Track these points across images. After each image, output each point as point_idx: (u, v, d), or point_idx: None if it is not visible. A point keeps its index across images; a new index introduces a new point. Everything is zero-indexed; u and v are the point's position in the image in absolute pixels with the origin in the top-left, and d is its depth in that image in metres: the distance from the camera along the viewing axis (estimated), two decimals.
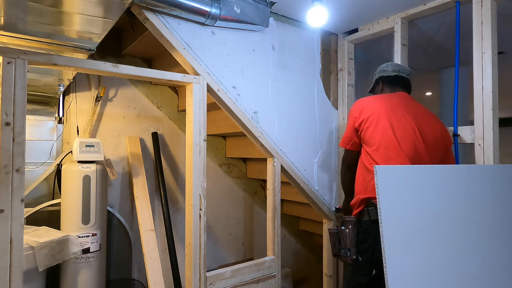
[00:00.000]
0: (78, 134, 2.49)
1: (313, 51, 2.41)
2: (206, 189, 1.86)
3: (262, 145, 2.08)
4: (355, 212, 1.70)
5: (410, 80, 1.94)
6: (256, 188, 3.41)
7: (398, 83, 1.90)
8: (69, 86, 2.42)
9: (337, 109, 2.58)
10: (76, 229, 2.11)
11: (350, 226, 1.64)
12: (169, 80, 1.75)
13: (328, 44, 2.61)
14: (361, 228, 1.65)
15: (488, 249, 1.43)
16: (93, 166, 2.18)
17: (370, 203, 1.62)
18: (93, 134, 2.57)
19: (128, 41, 2.52)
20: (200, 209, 1.83)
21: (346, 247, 1.62)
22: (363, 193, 1.68)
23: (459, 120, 1.97)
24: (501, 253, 1.46)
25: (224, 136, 3.21)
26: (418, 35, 2.49)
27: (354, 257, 1.60)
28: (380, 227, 1.28)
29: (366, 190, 1.66)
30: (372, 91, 2.03)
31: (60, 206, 2.20)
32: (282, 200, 2.37)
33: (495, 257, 1.44)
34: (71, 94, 2.49)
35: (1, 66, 1.35)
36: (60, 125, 2.49)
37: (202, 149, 1.83)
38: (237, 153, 3.11)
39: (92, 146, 2.20)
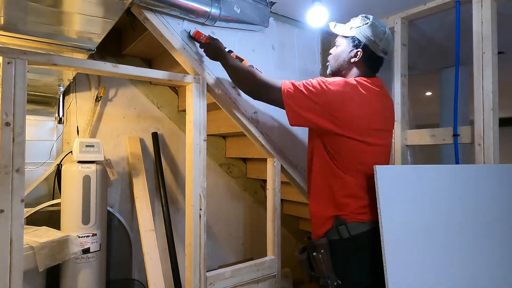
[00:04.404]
0: (78, 134, 2.49)
1: (313, 51, 2.41)
2: (206, 189, 1.86)
3: (262, 145, 2.08)
4: (321, 232, 1.45)
5: None
6: (256, 188, 3.41)
7: (378, 66, 1.53)
8: (69, 86, 2.42)
9: None
10: (76, 229, 2.11)
11: (322, 251, 1.41)
12: (169, 80, 1.75)
13: (328, 44, 2.61)
14: (333, 249, 1.41)
15: (488, 249, 1.43)
16: (93, 166, 2.18)
17: (339, 221, 1.41)
18: (93, 134, 2.57)
19: (128, 41, 2.52)
20: (200, 209, 1.83)
21: (324, 274, 1.39)
22: (331, 210, 1.43)
23: (459, 120, 1.97)
24: (501, 253, 1.46)
25: (224, 136, 3.21)
26: (418, 35, 2.49)
27: (335, 283, 1.39)
28: (380, 227, 1.28)
29: (336, 208, 1.42)
30: (338, 41, 1.56)
31: (60, 206, 2.20)
32: (282, 200, 2.36)
33: (495, 257, 1.44)
34: (71, 94, 2.49)
35: (1, 66, 1.35)
36: (60, 125, 2.49)
37: (202, 149, 1.83)
38: (237, 153, 3.11)
39: (92, 146, 2.20)
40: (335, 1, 2.05)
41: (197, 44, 1.81)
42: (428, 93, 5.07)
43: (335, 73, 1.57)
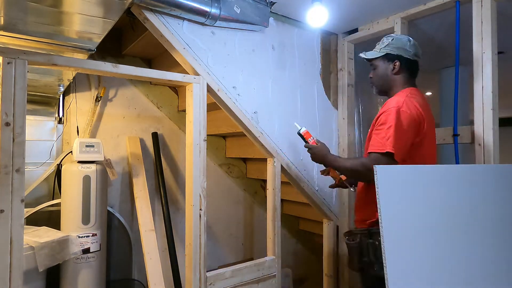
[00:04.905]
0: (78, 134, 2.49)
1: (313, 51, 2.41)
2: (206, 189, 1.86)
3: (262, 145, 2.08)
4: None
5: None
6: (256, 188, 3.41)
7: (416, 71, 1.70)
8: (69, 86, 2.42)
9: (337, 109, 2.58)
10: (76, 229, 2.11)
11: (379, 238, 1.45)
12: (169, 80, 1.75)
13: (328, 44, 2.61)
14: None
15: (489, 250, 1.43)
16: (93, 166, 2.18)
17: None
18: (93, 134, 2.57)
19: (128, 41, 2.52)
20: (200, 209, 1.83)
21: (380, 260, 1.44)
22: None
23: (459, 120, 1.97)
24: (502, 253, 1.46)
25: (224, 136, 3.21)
26: (418, 35, 2.49)
27: None
28: (380, 227, 1.28)
29: None
30: (374, 64, 1.69)
31: (60, 206, 2.20)
32: (282, 200, 2.36)
33: (496, 257, 1.44)
34: (71, 94, 2.49)
35: (1, 66, 1.35)
36: (60, 125, 2.49)
37: (202, 149, 1.83)
38: (237, 153, 3.11)
39: (92, 146, 2.20)
40: (335, 1, 2.05)
41: (199, 44, 1.82)
42: (428, 93, 5.07)
43: (381, 90, 1.73)
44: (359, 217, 1.67)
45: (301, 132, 1.83)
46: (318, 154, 1.74)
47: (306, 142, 1.82)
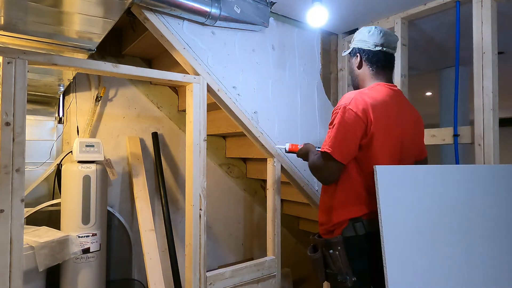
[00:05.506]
0: (78, 134, 2.49)
1: (313, 51, 2.41)
2: (206, 189, 1.86)
3: (262, 145, 2.08)
4: (337, 230, 1.48)
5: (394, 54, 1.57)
6: (256, 188, 3.41)
7: (382, 63, 1.52)
8: (69, 86, 2.42)
9: None
10: (76, 229, 2.11)
11: (339, 248, 1.43)
12: (169, 80, 1.75)
13: (328, 44, 2.61)
14: (349, 246, 1.44)
15: (489, 250, 1.43)
16: (93, 166, 2.18)
17: (355, 218, 1.44)
18: (93, 134, 2.57)
19: (128, 41, 2.53)
20: (200, 209, 1.83)
21: (342, 271, 1.41)
22: (350, 210, 1.46)
23: (459, 120, 1.97)
24: (502, 253, 1.46)
25: (224, 136, 3.21)
26: (418, 35, 2.49)
27: (353, 279, 1.41)
28: (380, 227, 1.28)
29: (354, 207, 1.45)
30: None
31: (60, 206, 2.20)
32: (282, 200, 2.36)
33: (496, 257, 1.44)
34: (71, 94, 2.49)
35: (1, 66, 1.36)
36: (60, 125, 2.49)
37: (202, 149, 1.83)
38: (237, 153, 3.11)
39: (92, 146, 2.20)
40: (335, 1, 2.05)
41: (199, 44, 1.82)
42: (428, 93, 5.08)
43: (354, 86, 1.65)
44: (319, 220, 1.62)
45: (287, 149, 1.81)
46: (304, 153, 1.73)
47: (296, 153, 1.79)
